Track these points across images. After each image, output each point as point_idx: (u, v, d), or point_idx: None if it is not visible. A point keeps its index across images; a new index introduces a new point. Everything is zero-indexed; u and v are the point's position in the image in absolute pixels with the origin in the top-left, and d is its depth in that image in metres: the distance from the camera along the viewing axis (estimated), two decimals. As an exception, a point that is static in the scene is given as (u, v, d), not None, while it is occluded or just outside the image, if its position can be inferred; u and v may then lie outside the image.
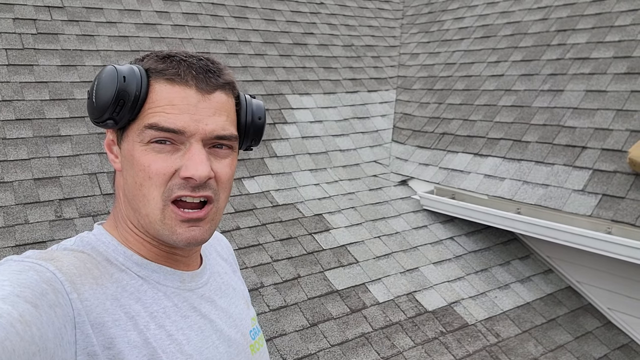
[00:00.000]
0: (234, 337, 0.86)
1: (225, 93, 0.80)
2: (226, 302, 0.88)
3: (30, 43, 3.18)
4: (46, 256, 0.68)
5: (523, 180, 3.08)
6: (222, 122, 0.78)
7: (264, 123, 0.88)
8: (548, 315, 2.91)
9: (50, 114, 2.93)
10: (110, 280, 0.73)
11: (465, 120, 3.71)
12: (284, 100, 3.80)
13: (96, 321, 0.66)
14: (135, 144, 0.76)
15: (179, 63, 0.77)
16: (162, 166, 0.74)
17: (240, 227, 2.87)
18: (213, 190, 0.77)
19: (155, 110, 0.75)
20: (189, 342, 0.77)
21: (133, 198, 0.77)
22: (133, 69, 0.76)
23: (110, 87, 0.74)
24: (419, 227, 3.29)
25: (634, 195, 2.62)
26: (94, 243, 0.78)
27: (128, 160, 0.77)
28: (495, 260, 3.19)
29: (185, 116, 0.74)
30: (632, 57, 3.24)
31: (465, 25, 4.57)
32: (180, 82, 0.75)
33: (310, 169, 3.46)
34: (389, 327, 2.60)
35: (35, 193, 2.59)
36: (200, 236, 0.78)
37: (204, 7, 4.14)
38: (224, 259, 1.00)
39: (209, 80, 0.77)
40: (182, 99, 0.75)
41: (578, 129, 3.10)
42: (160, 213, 0.75)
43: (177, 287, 0.81)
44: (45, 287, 0.61)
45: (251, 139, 0.88)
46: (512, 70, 3.80)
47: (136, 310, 0.73)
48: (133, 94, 0.74)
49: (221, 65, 0.82)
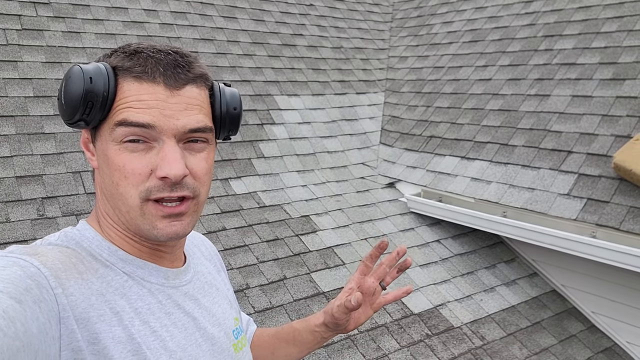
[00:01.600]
0: (217, 336, 0.85)
1: (196, 86, 0.78)
2: (209, 301, 0.88)
3: (15, 39, 3.13)
4: (30, 251, 0.68)
5: (509, 184, 3.09)
6: (195, 115, 0.76)
7: (240, 112, 0.87)
8: (533, 318, 2.92)
9: (34, 111, 2.88)
10: (95, 275, 0.72)
11: (453, 123, 3.73)
12: (272, 101, 3.78)
13: (81, 316, 0.66)
14: (109, 143, 0.75)
15: (146, 59, 0.75)
16: (137, 166, 0.73)
17: (226, 227, 2.84)
18: (191, 189, 0.76)
19: (123, 107, 0.74)
20: (173, 339, 0.77)
21: (111, 196, 0.77)
22: (99, 68, 0.74)
23: (77, 88, 0.73)
24: (406, 229, 3.29)
25: (619, 199, 2.64)
26: (78, 238, 0.77)
27: (103, 160, 0.76)
28: (481, 263, 3.20)
29: (154, 111, 0.73)
30: (617, 63, 3.28)
31: (453, 29, 4.59)
32: (148, 79, 0.74)
33: (298, 170, 3.45)
34: (375, 329, 2.59)
35: (17, 191, 2.55)
36: (181, 230, 0.77)
37: (192, 6, 4.11)
38: (207, 259, 1.00)
39: (178, 76, 0.75)
40: (151, 94, 0.74)
41: (564, 134, 3.13)
42: (139, 209, 0.75)
43: (161, 284, 0.80)
44: (29, 283, 0.60)
45: (228, 129, 0.86)
46: (500, 75, 3.83)
47: (121, 305, 0.72)
48: (101, 94, 0.73)
49: (191, 57, 0.79)
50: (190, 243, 0.96)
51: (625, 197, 2.64)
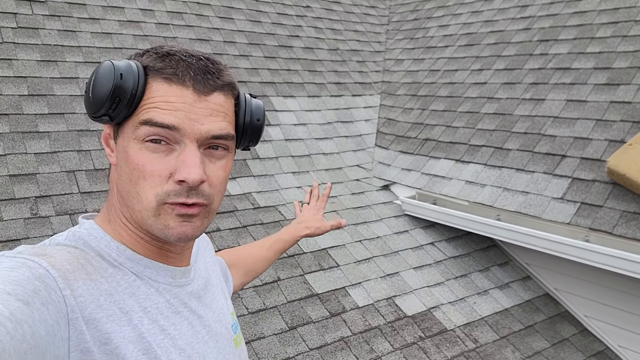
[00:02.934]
0: (220, 332, 0.88)
1: (224, 94, 0.79)
2: (209, 298, 0.90)
3: (10, 37, 3.12)
4: (39, 252, 0.68)
5: (503, 187, 3.10)
6: (219, 122, 0.77)
7: (263, 124, 0.88)
8: (526, 321, 2.93)
9: (28, 110, 2.87)
10: (104, 275, 0.72)
11: (448, 126, 3.74)
12: (268, 102, 3.78)
13: (90, 317, 0.66)
14: (130, 141, 0.75)
15: (178, 62, 0.76)
16: (157, 168, 0.74)
17: (220, 228, 2.84)
18: (205, 197, 0.77)
19: (150, 107, 0.74)
20: (181, 337, 0.78)
21: (127, 194, 0.77)
22: (131, 66, 0.75)
23: (106, 83, 0.74)
24: (400, 232, 3.30)
25: (612, 204, 2.66)
26: (86, 238, 0.77)
27: (123, 157, 0.77)
28: (474, 266, 3.21)
29: (180, 113, 0.74)
30: (612, 69, 3.30)
31: (449, 32, 4.61)
32: (178, 82, 0.75)
33: (293, 172, 3.45)
34: (368, 331, 2.59)
35: (11, 190, 2.53)
36: (191, 232, 0.77)
37: (189, 6, 4.10)
38: (202, 254, 1.01)
39: (207, 82, 0.76)
40: (179, 97, 0.74)
41: (558, 138, 3.14)
42: (155, 211, 0.75)
43: (168, 283, 0.81)
44: (37, 284, 0.61)
45: (249, 139, 0.88)
46: (495, 79, 3.84)
47: (130, 305, 0.73)
48: (129, 92, 0.73)
49: (221, 65, 0.80)
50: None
51: (618, 201, 2.65)
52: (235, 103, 0.83)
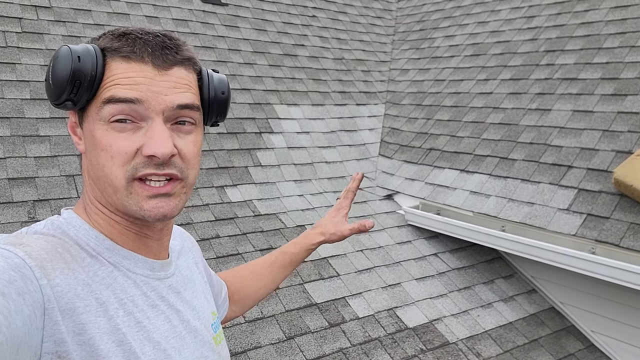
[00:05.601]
0: (199, 329, 0.87)
1: (184, 68, 0.79)
2: (189, 295, 0.89)
3: (14, 41, 3.13)
4: (15, 241, 0.67)
5: (509, 198, 3.05)
6: (183, 92, 0.77)
7: (229, 97, 0.88)
8: (530, 335, 2.86)
9: (30, 114, 2.87)
10: (82, 265, 0.72)
11: (453, 136, 3.70)
12: (272, 110, 3.76)
13: (67, 307, 0.65)
14: (96, 124, 0.75)
15: (135, 40, 0.75)
16: (123, 145, 0.73)
17: (220, 235, 2.80)
18: (178, 168, 0.76)
19: (111, 85, 0.74)
20: (157, 331, 0.77)
21: (98, 179, 0.76)
22: (87, 48, 0.75)
23: (65, 67, 0.73)
24: (403, 242, 3.25)
25: (619, 215, 2.60)
26: (64, 227, 0.76)
27: (90, 141, 0.76)
28: (478, 279, 3.15)
29: (142, 87, 0.73)
30: (619, 79, 3.25)
31: (455, 43, 4.58)
32: (136, 58, 0.74)
33: (295, 180, 3.41)
34: (368, 342, 2.53)
35: (9, 193, 2.52)
36: (169, 211, 0.76)
37: (194, 14, 4.11)
38: (185, 252, 1.00)
39: (166, 57, 0.76)
40: (138, 72, 0.74)
41: (564, 148, 3.09)
42: (125, 189, 0.74)
43: (146, 275, 0.80)
44: (12, 274, 0.60)
45: (215, 114, 0.87)
46: (501, 89, 3.80)
47: (106, 296, 0.72)
48: (89, 74, 0.73)
49: (180, 41, 0.80)
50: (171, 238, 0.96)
51: (625, 213, 2.59)
52: (198, 79, 0.83)
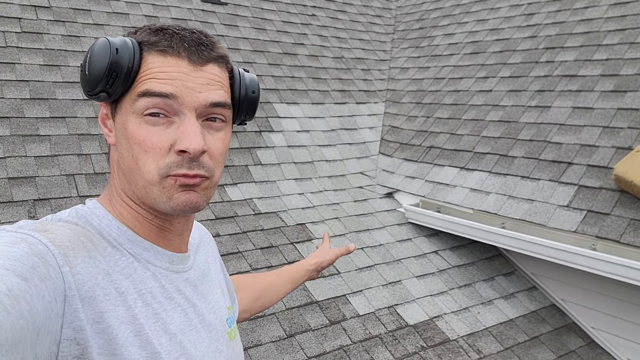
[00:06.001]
0: (214, 323, 0.87)
1: (218, 66, 0.80)
2: (206, 289, 0.90)
3: (14, 41, 3.13)
4: (40, 227, 0.68)
5: (508, 195, 3.05)
6: (216, 90, 0.78)
7: (258, 97, 0.89)
8: (531, 332, 2.86)
9: (29, 113, 2.87)
10: (103, 254, 0.73)
11: (453, 134, 3.70)
12: (272, 109, 3.76)
13: (87, 295, 0.66)
14: (129, 116, 0.75)
15: (172, 36, 0.77)
16: (157, 140, 0.74)
17: (220, 234, 2.80)
18: (207, 169, 0.77)
19: (146, 79, 0.75)
20: (173, 323, 0.77)
21: (129, 171, 0.77)
22: (125, 41, 0.76)
23: (102, 59, 0.74)
24: (403, 240, 3.25)
25: (619, 211, 2.59)
26: (88, 216, 0.78)
27: (122, 134, 0.77)
28: (479, 276, 3.15)
29: (177, 82, 0.74)
30: (619, 75, 3.25)
31: (455, 41, 4.58)
32: (173, 53, 0.76)
33: (295, 178, 3.41)
34: (369, 340, 2.53)
35: (9, 192, 2.52)
36: (195, 200, 0.77)
37: (194, 13, 4.11)
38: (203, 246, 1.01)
39: (202, 53, 0.77)
40: (174, 67, 0.75)
41: (564, 145, 3.09)
42: (159, 184, 0.75)
43: (165, 267, 0.81)
44: (36, 260, 0.61)
45: (245, 112, 0.89)
46: (501, 86, 3.80)
47: (125, 286, 0.73)
48: (126, 66, 0.74)
49: (214, 39, 0.82)
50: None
51: (626, 209, 2.59)
52: (229, 77, 0.84)
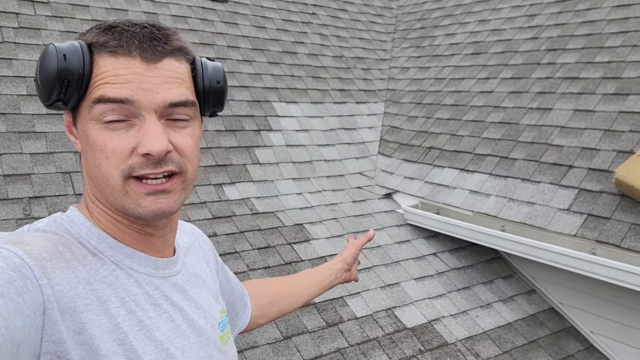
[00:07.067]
0: (204, 328, 0.85)
1: (175, 59, 0.76)
2: (196, 293, 0.87)
3: (11, 37, 3.10)
4: (15, 239, 0.66)
5: (509, 198, 3.03)
6: (175, 89, 0.74)
7: (225, 87, 0.85)
8: (529, 336, 2.84)
9: (26, 110, 2.84)
10: (83, 263, 0.71)
11: (453, 135, 3.67)
12: (270, 108, 3.73)
13: (67, 306, 0.64)
14: (88, 123, 0.73)
15: (121, 33, 0.73)
16: (118, 145, 0.71)
17: (217, 233, 2.78)
18: (176, 164, 0.74)
19: (100, 84, 0.71)
20: (158, 330, 0.76)
21: (95, 178, 0.75)
22: (74, 45, 0.72)
23: (51, 67, 0.71)
24: (402, 241, 3.22)
25: (620, 216, 2.57)
26: (67, 225, 0.76)
27: (84, 141, 0.75)
28: (478, 279, 3.13)
29: (131, 85, 0.71)
30: (621, 78, 3.22)
31: (456, 41, 4.56)
32: (124, 53, 0.72)
33: (294, 178, 3.39)
34: (366, 343, 2.51)
35: (4, 190, 2.49)
36: (167, 207, 0.75)
37: (193, 10, 4.08)
38: (196, 249, 0.98)
39: (155, 49, 0.73)
40: (127, 69, 0.71)
41: (565, 148, 3.06)
42: (122, 189, 0.73)
43: (149, 274, 0.79)
44: (12, 274, 0.59)
45: (213, 104, 0.84)
46: (502, 87, 3.78)
47: (107, 295, 0.71)
48: (76, 72, 0.71)
49: (169, 30, 0.77)
50: (179, 232, 0.94)
51: (626, 213, 2.57)
52: (192, 69, 0.80)
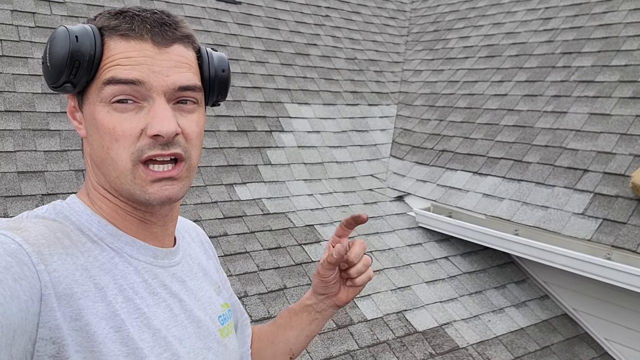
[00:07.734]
0: (203, 319, 0.84)
1: (184, 46, 0.76)
2: (196, 285, 0.87)
3: (27, 36, 3.13)
4: (13, 225, 0.66)
5: (522, 201, 2.99)
6: (184, 73, 0.75)
7: (229, 76, 0.86)
8: (542, 342, 2.80)
9: (40, 108, 2.86)
10: (81, 250, 0.70)
11: (466, 138, 3.64)
12: (282, 109, 3.73)
13: (64, 292, 0.64)
14: (97, 106, 0.72)
15: (132, 18, 0.73)
16: (128, 127, 0.71)
17: (228, 233, 2.77)
18: (182, 148, 0.74)
19: (111, 66, 0.71)
20: (156, 318, 0.75)
21: (102, 162, 0.74)
22: (85, 28, 0.72)
23: (63, 48, 0.71)
24: (413, 244, 3.20)
25: (636, 221, 2.53)
26: (67, 212, 0.75)
27: (91, 124, 0.74)
28: (490, 283, 3.09)
29: (142, 67, 0.71)
30: (638, 82, 3.18)
31: (470, 44, 4.53)
32: (135, 36, 0.72)
33: (305, 179, 3.38)
34: (376, 345, 2.49)
35: (18, 186, 2.51)
36: (174, 194, 0.75)
37: (207, 11, 4.10)
38: (197, 244, 0.98)
39: (165, 34, 0.74)
40: (139, 52, 0.72)
41: (580, 152, 3.02)
42: (130, 173, 0.72)
43: (149, 262, 0.78)
44: (9, 260, 0.59)
45: (217, 93, 0.85)
46: (516, 90, 3.74)
47: (105, 281, 0.70)
48: (87, 54, 0.71)
49: (177, 18, 0.78)
50: (181, 228, 0.94)
51: (643, 218, 2.52)
52: (197, 57, 0.81)
